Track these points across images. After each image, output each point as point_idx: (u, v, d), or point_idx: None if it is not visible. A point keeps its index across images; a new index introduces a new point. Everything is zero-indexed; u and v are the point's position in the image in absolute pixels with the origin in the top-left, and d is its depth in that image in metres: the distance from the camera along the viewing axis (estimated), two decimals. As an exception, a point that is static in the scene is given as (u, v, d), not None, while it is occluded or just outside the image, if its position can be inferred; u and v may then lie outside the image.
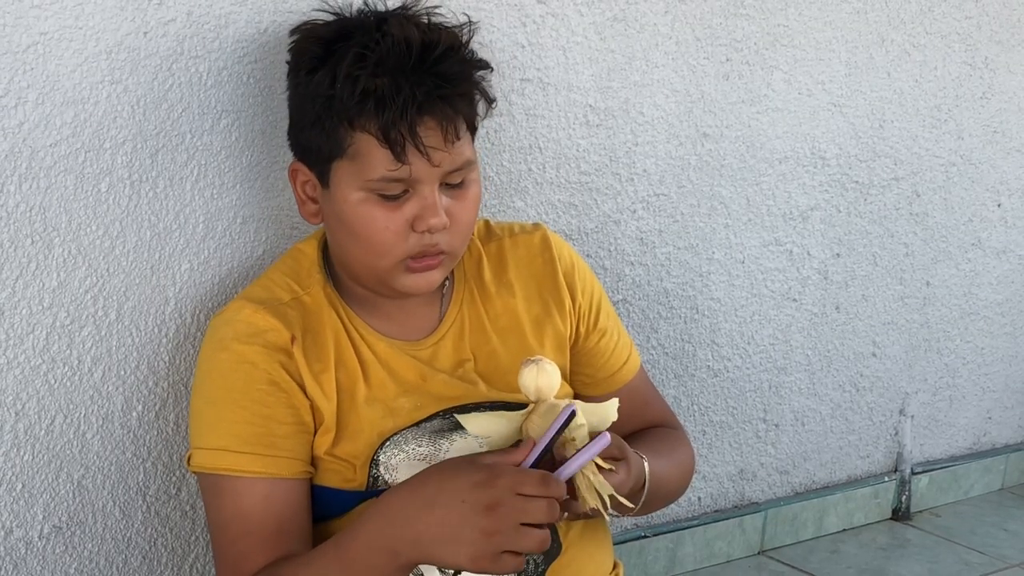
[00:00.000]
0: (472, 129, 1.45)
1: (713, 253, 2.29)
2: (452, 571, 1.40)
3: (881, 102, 2.47)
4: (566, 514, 1.31)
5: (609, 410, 1.36)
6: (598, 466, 1.30)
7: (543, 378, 1.32)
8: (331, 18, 1.47)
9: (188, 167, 1.60)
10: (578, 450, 1.27)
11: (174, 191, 1.60)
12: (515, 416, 1.34)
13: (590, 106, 2.02)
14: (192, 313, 1.64)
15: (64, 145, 1.50)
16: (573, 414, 1.27)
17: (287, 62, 1.50)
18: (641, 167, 2.13)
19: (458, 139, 1.40)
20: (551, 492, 1.22)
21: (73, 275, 1.54)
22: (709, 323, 2.33)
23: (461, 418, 1.37)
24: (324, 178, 1.43)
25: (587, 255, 2.08)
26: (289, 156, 1.51)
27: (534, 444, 1.26)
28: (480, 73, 1.45)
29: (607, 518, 1.34)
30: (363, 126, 1.37)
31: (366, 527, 1.29)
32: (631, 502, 1.44)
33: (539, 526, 1.22)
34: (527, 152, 1.96)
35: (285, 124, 1.61)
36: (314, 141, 1.42)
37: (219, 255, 1.65)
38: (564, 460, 1.27)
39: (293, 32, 1.49)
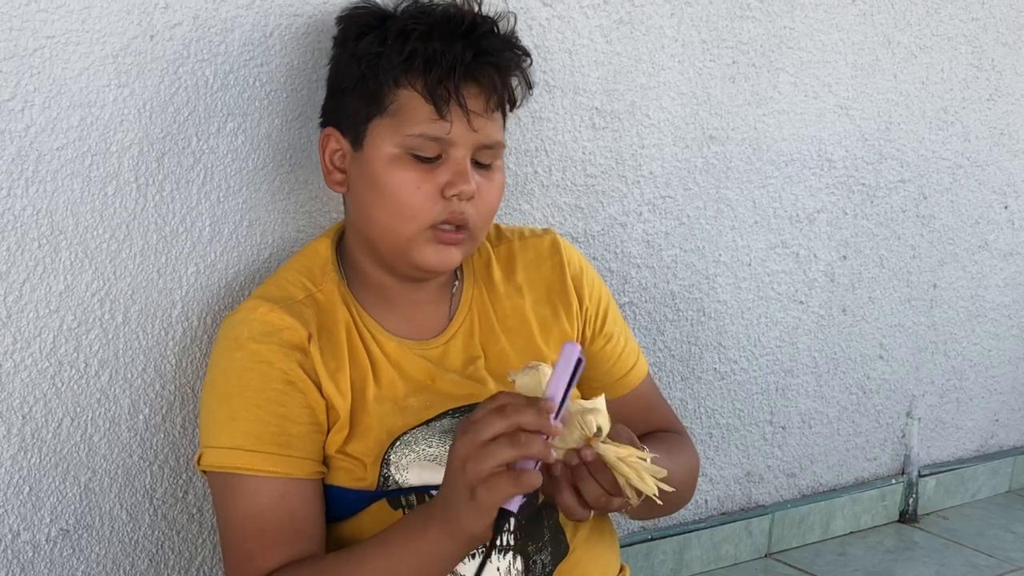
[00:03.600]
0: (512, 107, 1.49)
1: (719, 255, 2.29)
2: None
3: (887, 104, 2.47)
4: (591, 514, 1.30)
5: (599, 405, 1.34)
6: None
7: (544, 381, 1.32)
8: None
9: (194, 170, 1.60)
10: (566, 390, 1.22)
11: (180, 194, 1.60)
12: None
13: (596, 109, 2.02)
14: (199, 316, 1.64)
15: (71, 148, 1.50)
16: (580, 361, 1.22)
17: (334, 37, 1.53)
18: (647, 170, 2.13)
19: (497, 110, 1.44)
20: (497, 401, 1.21)
21: (80, 278, 1.54)
22: (716, 325, 2.33)
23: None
24: (359, 140, 1.44)
25: (593, 258, 2.08)
26: (299, 155, 1.51)
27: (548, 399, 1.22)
28: (524, 58, 1.49)
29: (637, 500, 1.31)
30: (409, 83, 1.40)
31: (411, 516, 1.33)
32: (632, 503, 1.45)
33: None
34: (533, 155, 1.96)
35: (291, 127, 1.62)
36: (354, 103, 1.44)
37: (225, 258, 1.65)
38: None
39: (342, 13, 1.52)
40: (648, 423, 1.66)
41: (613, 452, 1.27)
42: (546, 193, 2.00)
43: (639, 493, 1.28)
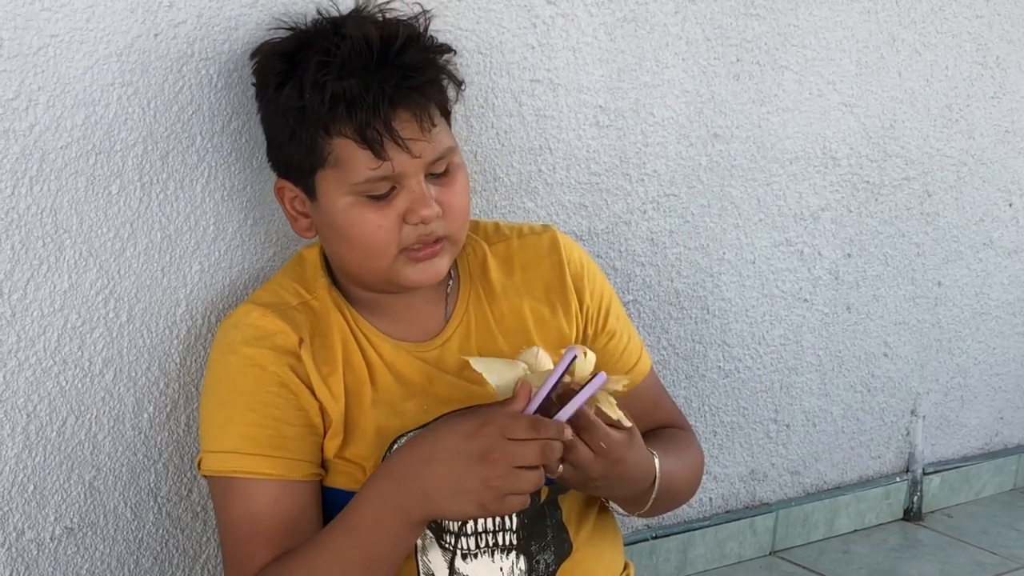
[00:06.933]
0: (446, 114, 1.46)
1: (724, 253, 2.29)
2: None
3: (892, 102, 2.47)
4: (560, 468, 1.31)
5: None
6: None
7: (543, 360, 1.35)
8: (288, 33, 1.48)
9: (199, 169, 1.60)
10: (579, 388, 1.29)
11: (184, 193, 1.60)
12: (516, 364, 1.35)
13: (600, 107, 2.02)
14: (203, 315, 1.64)
15: (75, 147, 1.50)
16: (575, 358, 1.30)
17: (253, 84, 1.51)
18: (651, 168, 2.13)
19: (434, 126, 1.41)
20: (542, 434, 1.24)
21: (84, 277, 1.54)
22: (720, 323, 2.33)
23: (470, 358, 1.38)
24: (310, 190, 1.44)
25: (597, 256, 2.08)
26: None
27: (530, 390, 1.28)
28: (445, 57, 1.46)
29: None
30: (339, 131, 1.37)
31: (372, 492, 1.31)
32: (640, 501, 1.45)
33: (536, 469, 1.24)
34: (537, 153, 1.96)
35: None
36: (294, 155, 1.43)
37: (230, 257, 1.65)
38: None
39: (253, 55, 1.50)
40: (652, 420, 1.66)
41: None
42: (550, 191, 2.00)
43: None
